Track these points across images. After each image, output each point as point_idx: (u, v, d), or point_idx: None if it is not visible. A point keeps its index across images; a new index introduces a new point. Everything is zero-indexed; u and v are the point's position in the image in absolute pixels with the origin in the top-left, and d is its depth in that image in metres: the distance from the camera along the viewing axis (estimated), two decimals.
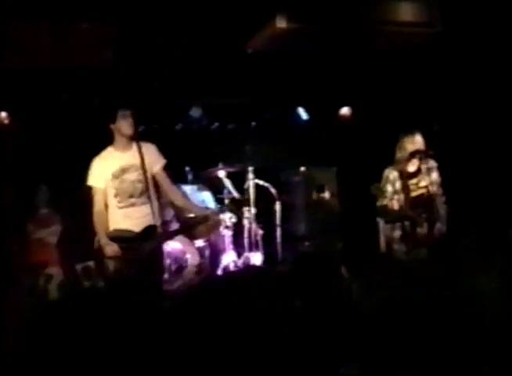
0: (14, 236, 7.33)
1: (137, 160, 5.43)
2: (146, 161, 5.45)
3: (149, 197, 5.43)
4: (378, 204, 6.01)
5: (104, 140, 5.60)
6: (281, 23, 5.55)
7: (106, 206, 5.45)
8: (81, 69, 6.92)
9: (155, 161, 5.53)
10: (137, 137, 5.47)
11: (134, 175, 5.42)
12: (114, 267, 5.27)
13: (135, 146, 5.45)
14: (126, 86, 7.55)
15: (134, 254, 5.28)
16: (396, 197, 5.95)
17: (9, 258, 6.97)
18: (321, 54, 7.07)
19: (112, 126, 5.43)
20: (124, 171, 5.42)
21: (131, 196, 5.42)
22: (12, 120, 7.81)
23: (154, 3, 5.82)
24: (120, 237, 5.36)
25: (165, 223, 6.40)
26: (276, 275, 3.36)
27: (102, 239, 5.36)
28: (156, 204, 5.51)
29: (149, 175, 5.47)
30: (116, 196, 5.43)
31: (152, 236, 5.38)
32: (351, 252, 7.35)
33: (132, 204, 5.43)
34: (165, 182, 5.60)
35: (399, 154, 6.05)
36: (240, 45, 6.33)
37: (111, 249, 5.29)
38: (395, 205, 5.90)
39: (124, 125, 5.39)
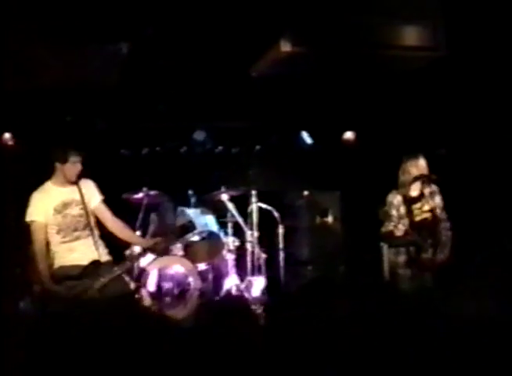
0: (15, 257, 7.30)
1: (77, 195, 5.47)
2: (85, 196, 5.51)
3: (91, 230, 5.48)
4: (383, 229, 5.98)
5: (106, 161, 5.57)
6: (286, 47, 5.56)
7: (47, 244, 5.40)
8: (85, 91, 6.93)
9: (93, 196, 5.59)
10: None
11: (75, 210, 5.46)
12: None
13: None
14: (130, 108, 7.57)
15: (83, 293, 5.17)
16: (401, 221, 5.91)
17: (10, 278, 6.94)
18: (325, 78, 7.07)
19: (58, 165, 5.46)
20: (66, 205, 5.45)
21: (76, 229, 5.45)
22: (16, 141, 7.81)
23: (159, 26, 5.84)
24: (67, 276, 5.28)
25: None
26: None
27: (46, 282, 5.24)
28: (97, 234, 5.55)
29: (89, 209, 5.51)
30: (59, 232, 5.43)
31: (98, 271, 5.34)
32: (354, 277, 7.30)
33: (77, 238, 5.46)
34: (105, 215, 5.62)
35: (403, 178, 6.03)
36: (245, 68, 6.34)
37: (59, 289, 5.18)
38: (400, 231, 5.85)
39: (70, 171, 5.44)
